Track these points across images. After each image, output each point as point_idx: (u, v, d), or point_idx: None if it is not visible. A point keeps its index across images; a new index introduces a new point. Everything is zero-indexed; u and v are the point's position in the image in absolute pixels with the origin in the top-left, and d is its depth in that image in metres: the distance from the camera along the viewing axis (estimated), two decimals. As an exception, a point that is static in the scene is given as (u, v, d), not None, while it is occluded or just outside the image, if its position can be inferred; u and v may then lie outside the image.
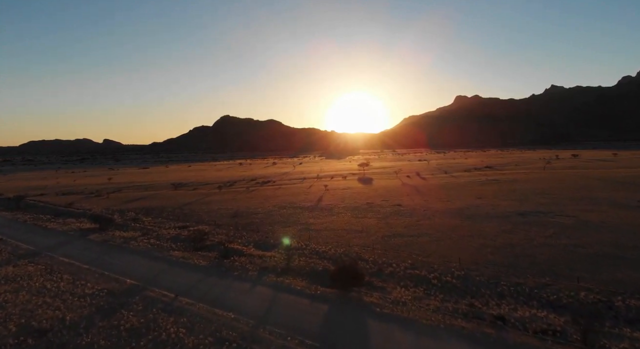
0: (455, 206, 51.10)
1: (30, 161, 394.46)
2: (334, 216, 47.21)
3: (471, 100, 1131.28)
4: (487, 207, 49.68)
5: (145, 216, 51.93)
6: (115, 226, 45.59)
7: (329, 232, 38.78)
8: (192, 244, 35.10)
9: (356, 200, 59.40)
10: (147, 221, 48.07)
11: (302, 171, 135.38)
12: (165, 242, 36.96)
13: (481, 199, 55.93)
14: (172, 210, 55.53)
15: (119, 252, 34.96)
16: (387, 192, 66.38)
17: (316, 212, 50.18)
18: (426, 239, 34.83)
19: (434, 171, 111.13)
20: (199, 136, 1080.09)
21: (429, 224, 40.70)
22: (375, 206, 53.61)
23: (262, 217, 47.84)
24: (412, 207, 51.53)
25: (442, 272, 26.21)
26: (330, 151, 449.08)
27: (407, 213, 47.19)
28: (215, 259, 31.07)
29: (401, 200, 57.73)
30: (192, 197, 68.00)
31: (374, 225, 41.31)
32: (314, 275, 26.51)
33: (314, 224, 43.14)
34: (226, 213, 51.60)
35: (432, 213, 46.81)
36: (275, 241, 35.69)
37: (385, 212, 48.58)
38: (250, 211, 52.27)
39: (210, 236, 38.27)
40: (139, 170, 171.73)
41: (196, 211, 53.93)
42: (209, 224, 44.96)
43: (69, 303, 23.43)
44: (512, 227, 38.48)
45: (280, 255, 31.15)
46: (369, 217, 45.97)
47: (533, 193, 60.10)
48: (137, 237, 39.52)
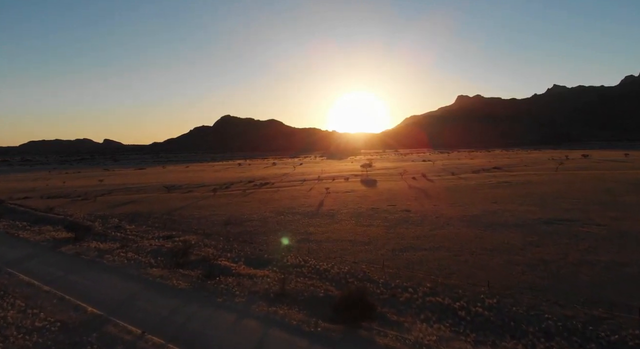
0: (469, 212, 46.48)
1: (28, 161, 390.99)
2: (336, 224, 42.61)
3: (473, 100, 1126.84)
4: (505, 213, 45.05)
5: (129, 223, 47.38)
6: (94, 236, 41.05)
7: (331, 244, 34.18)
8: (174, 259, 30.54)
9: (360, 205, 54.82)
10: (130, 230, 43.53)
11: (303, 172, 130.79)
12: (145, 257, 32.39)
13: (497, 204, 51.30)
14: (159, 216, 51.00)
15: (89, 268, 30.40)
16: (393, 196, 61.76)
17: (317, 219, 45.60)
18: (444, 254, 30.21)
19: (441, 172, 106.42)
20: (199, 136, 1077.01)
21: (444, 235, 36.08)
22: (381, 211, 49.01)
23: (257, 225, 43.25)
24: (422, 213, 46.91)
25: (470, 299, 21.61)
26: (331, 151, 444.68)
27: (417, 221, 42.57)
28: (198, 279, 26.46)
29: (409, 205, 53.12)
30: (184, 202, 63.46)
31: (382, 235, 36.70)
32: (314, 303, 21.90)
33: (314, 233, 38.56)
34: (218, 220, 47.03)
35: (446, 221, 42.20)
36: (270, 256, 31.09)
37: (392, 219, 43.97)
38: (244, 218, 47.69)
39: (196, 249, 33.72)
40: (134, 171, 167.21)
41: (186, 218, 49.38)
42: (197, 234, 40.39)
43: (10, 342, 18.88)
44: (539, 239, 33.86)
45: (275, 274, 26.55)
46: (375, 225, 41.37)
47: (551, 197, 55.46)
48: (114, 250, 34.94)
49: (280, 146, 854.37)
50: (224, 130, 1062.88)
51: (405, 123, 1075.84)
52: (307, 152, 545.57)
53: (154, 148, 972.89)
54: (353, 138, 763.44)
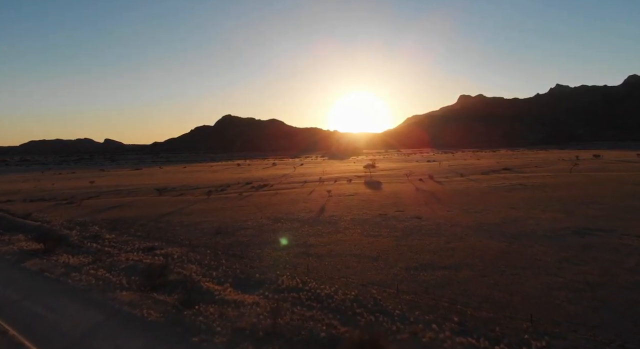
0: (487, 220, 41.79)
1: (27, 161, 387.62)
2: (339, 234, 37.96)
3: (475, 99, 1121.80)
4: (529, 221, 40.34)
5: (110, 231, 42.79)
6: (67, 247, 36.48)
7: (334, 260, 29.52)
8: (149, 280, 25.93)
9: (365, 210, 50.17)
10: (108, 239, 38.93)
11: (303, 173, 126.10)
12: (117, 276, 27.76)
13: (516, 210, 46.58)
14: (145, 223, 46.41)
15: (50, 291, 25.81)
16: (401, 200, 57.09)
17: (318, 227, 40.95)
18: (468, 274, 25.54)
19: (448, 173, 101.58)
20: (200, 136, 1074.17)
21: (465, 248, 31.39)
22: (389, 218, 44.34)
23: (251, 235, 38.60)
24: (435, 220, 42.21)
25: (511, 341, 16.94)
26: (332, 151, 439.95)
27: (431, 230, 37.88)
28: (173, 308, 21.83)
29: (419, 210, 48.43)
30: (175, 206, 58.89)
31: (392, 248, 32.02)
32: (314, 347, 17.25)
33: (315, 245, 33.91)
34: (208, 228, 42.40)
35: (463, 230, 37.50)
36: (262, 275, 26.44)
37: (403, 228, 39.30)
38: (237, 226, 43.05)
39: (178, 265, 29.14)
40: (130, 172, 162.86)
41: (173, 225, 44.77)
42: (182, 245, 35.78)
43: None
44: (576, 254, 29.16)
45: (266, 302, 21.91)
46: (384, 235, 36.71)
47: (574, 202, 50.73)
48: (85, 266, 30.33)
49: (281, 145, 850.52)
50: (225, 130, 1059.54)
51: (407, 123, 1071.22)
52: (309, 152, 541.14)
53: (154, 148, 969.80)
54: (355, 138, 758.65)
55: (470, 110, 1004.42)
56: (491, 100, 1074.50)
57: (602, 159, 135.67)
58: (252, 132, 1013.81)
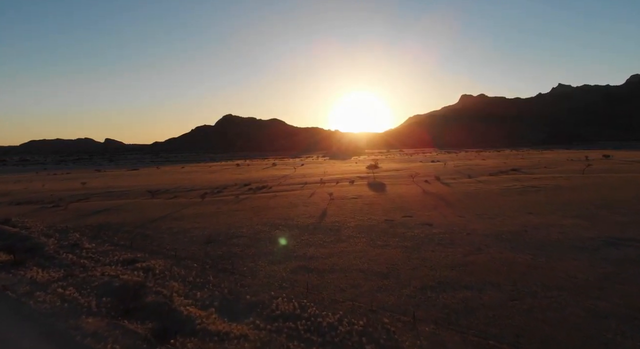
0: (505, 227, 37.99)
1: (25, 161, 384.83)
2: (343, 243, 34.21)
3: (477, 99, 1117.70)
4: (551, 229, 36.54)
5: (91, 239, 39.12)
6: (40, 258, 32.83)
7: (338, 276, 25.79)
8: (121, 303, 22.25)
9: (370, 215, 46.39)
10: (87, 249, 35.24)
11: (304, 174, 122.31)
12: (87, 296, 24.07)
13: (534, 216, 42.77)
14: (131, 229, 42.68)
15: (7, 315, 22.11)
16: (408, 204, 53.30)
17: (319, 236, 37.20)
18: (495, 296, 21.77)
19: (454, 174, 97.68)
20: (201, 136, 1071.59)
21: (486, 262, 27.63)
22: (396, 225, 40.56)
23: (245, 245, 34.86)
24: (447, 228, 38.43)
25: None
26: (334, 151, 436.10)
27: (444, 240, 34.10)
28: (144, 342, 18.13)
29: (429, 216, 44.63)
30: (166, 210, 55.19)
31: (403, 262, 28.27)
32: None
33: (316, 257, 30.17)
34: (199, 236, 38.68)
35: (481, 240, 33.72)
36: (254, 297, 22.73)
37: (412, 236, 35.52)
38: (231, 233, 39.30)
39: (159, 282, 25.46)
40: (126, 172, 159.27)
41: (161, 232, 41.05)
42: (167, 257, 32.08)
43: None
44: (615, 271, 25.35)
45: (256, 334, 18.20)
46: (392, 245, 32.94)
47: (595, 206, 46.88)
48: (53, 283, 26.64)
49: (282, 145, 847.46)
50: (225, 129, 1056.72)
51: (409, 123, 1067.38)
52: (310, 152, 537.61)
53: (155, 148, 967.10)
54: (356, 138, 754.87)
55: (472, 110, 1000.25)
56: (493, 100, 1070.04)
57: (613, 159, 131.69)
58: (252, 132, 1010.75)
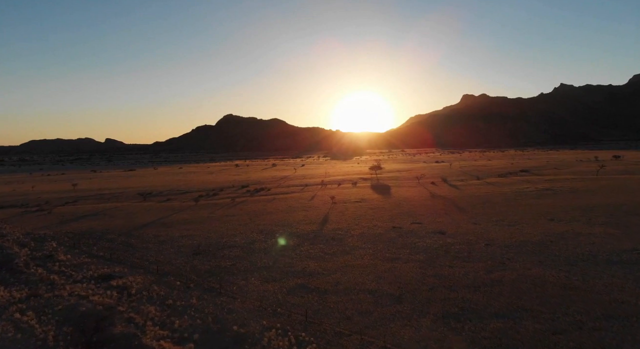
0: (526, 236, 34.17)
1: (24, 161, 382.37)
2: (347, 256, 30.42)
3: (479, 99, 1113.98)
4: (579, 239, 32.70)
5: (68, 250, 35.39)
6: (5, 273, 29.07)
7: (343, 300, 21.99)
8: (83, 334, 18.51)
9: (376, 221, 42.61)
10: (61, 262, 31.49)
11: (304, 175, 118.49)
12: (46, 324, 20.32)
13: (556, 223, 38.94)
14: (114, 237, 38.96)
15: (-56, 349, 18.46)
16: (415, 208, 49.49)
17: (320, 246, 33.43)
18: (533, 328, 17.95)
19: (461, 175, 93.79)
20: (201, 136, 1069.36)
21: (514, 281, 23.81)
22: (405, 233, 36.78)
23: (237, 257, 31.09)
24: (463, 237, 34.62)
25: None
26: (335, 151, 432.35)
27: (461, 252, 30.30)
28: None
29: (440, 223, 40.81)
30: (156, 215, 51.46)
31: (418, 280, 24.47)
32: None
33: (316, 274, 26.39)
34: (187, 246, 34.93)
35: (503, 252, 29.88)
36: (241, 327, 18.93)
37: (425, 247, 31.73)
38: (222, 242, 35.54)
39: (132, 306, 21.71)
40: (122, 173, 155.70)
41: (146, 241, 37.31)
42: (149, 272, 28.32)
43: None
44: (669, 292, 21.60)
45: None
46: (404, 258, 29.14)
47: (622, 212, 43.04)
48: (12, 305, 22.88)
49: (283, 145, 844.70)
50: (226, 129, 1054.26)
51: (410, 122, 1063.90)
52: (311, 152, 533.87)
53: (155, 148, 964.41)
54: (357, 138, 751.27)
55: (474, 109, 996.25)
56: (495, 99, 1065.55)
57: (624, 160, 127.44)
58: (253, 131, 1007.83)
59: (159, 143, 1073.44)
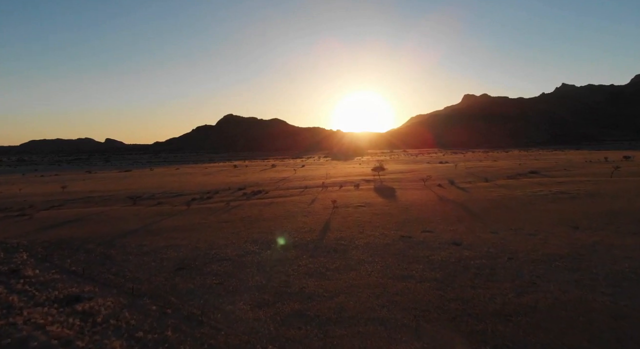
0: (553, 248, 30.36)
1: (22, 161, 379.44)
2: (352, 272, 26.67)
3: (480, 99, 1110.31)
4: (613, 252, 28.87)
5: (39, 263, 31.68)
6: (-41, 292, 25.41)
7: (349, 333, 18.20)
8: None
9: (382, 229, 38.84)
10: (26, 279, 27.74)
11: (304, 176, 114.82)
12: (-18, 365, 16.71)
13: (582, 232, 35.14)
14: (93, 248, 35.24)
15: None
16: (424, 214, 45.70)
17: (320, 259, 29.69)
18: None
19: (468, 177, 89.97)
20: (201, 135, 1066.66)
21: (551, 307, 20.03)
22: (416, 243, 33.02)
23: (226, 273, 27.35)
24: (481, 249, 30.84)
25: None
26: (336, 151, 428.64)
27: (483, 267, 26.51)
28: None
29: (454, 231, 37.04)
30: (143, 220, 47.75)
31: (437, 305, 20.70)
32: None
33: (316, 296, 22.64)
34: (171, 258, 31.20)
35: (529, 268, 26.08)
36: (225, 373, 15.29)
37: (441, 262, 27.96)
38: (211, 254, 31.81)
39: (95, 340, 17.99)
40: (117, 174, 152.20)
41: (127, 252, 33.57)
42: (123, 291, 24.58)
43: None
44: None
45: None
46: (417, 276, 25.37)
47: (650, 219, 39.26)
48: (-49, 337, 19.26)
49: (283, 145, 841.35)
50: (226, 129, 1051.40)
51: (411, 122, 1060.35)
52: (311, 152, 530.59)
53: (155, 148, 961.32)
54: (358, 138, 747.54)
55: (475, 109, 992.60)
56: (496, 99, 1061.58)
57: (635, 160, 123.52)
58: (254, 131, 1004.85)
59: (159, 143, 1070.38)
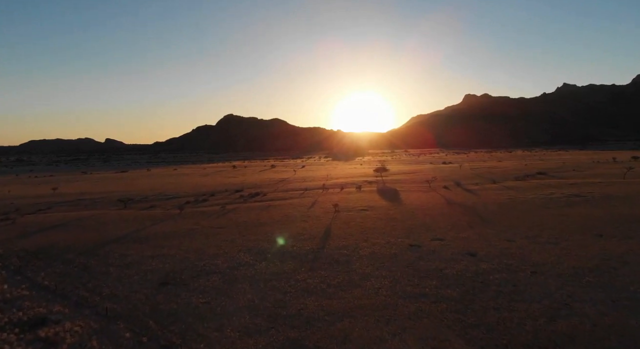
0: (578, 259, 27.29)
1: (20, 162, 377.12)
2: (356, 289, 23.66)
3: (481, 99, 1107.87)
4: (649, 264, 25.92)
5: (10, 276, 28.57)
6: None
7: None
8: None
9: (388, 236, 35.79)
10: (-9, 295, 24.86)
11: (304, 177, 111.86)
12: None
13: (607, 240, 32.07)
14: (72, 258, 32.28)
15: None
16: (432, 219, 42.65)
17: (321, 272, 26.69)
18: None
19: (474, 178, 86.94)
20: (201, 136, 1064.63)
21: (593, 337, 16.85)
22: (426, 253, 29.99)
23: (215, 289, 24.33)
24: (499, 260, 27.79)
25: None
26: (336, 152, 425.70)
27: (504, 283, 23.50)
28: None
29: (467, 239, 33.99)
30: (131, 226, 44.77)
31: (458, 334, 17.56)
32: None
33: (317, 320, 19.64)
34: (156, 270, 28.20)
35: (557, 284, 23.04)
36: None
37: (456, 276, 24.94)
38: (200, 267, 28.79)
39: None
40: (113, 174, 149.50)
41: (108, 263, 30.58)
42: (95, 313, 21.53)
43: None
44: None
45: None
46: (431, 294, 22.34)
47: (679, 225, 36.21)
48: None
49: (284, 145, 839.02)
50: (227, 129, 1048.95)
51: (412, 122, 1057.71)
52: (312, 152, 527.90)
53: (155, 148, 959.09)
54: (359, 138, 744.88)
55: (476, 109, 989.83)
56: (497, 99, 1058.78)
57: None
58: (254, 131, 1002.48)
59: (159, 143, 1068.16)
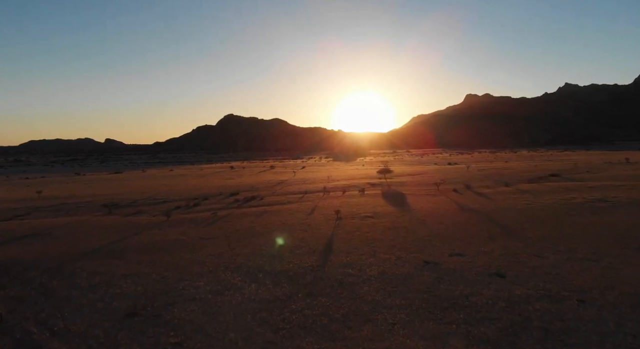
0: (632, 284, 22.59)
1: (18, 162, 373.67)
2: (366, 324, 19.09)
3: (482, 98, 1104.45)
4: None
5: (-49, 300, 24.27)
6: None
7: None
8: None
9: (398, 250, 31.11)
10: None
11: (304, 179, 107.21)
12: None
13: (656, 257, 27.60)
14: (35, 277, 27.71)
15: None
16: (447, 228, 38.02)
17: (322, 300, 22.05)
18: None
19: (485, 180, 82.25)
20: (202, 136, 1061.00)
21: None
22: (446, 273, 25.34)
23: (190, 323, 19.72)
24: (534, 283, 23.03)
25: None
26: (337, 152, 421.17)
27: (547, 317, 18.89)
28: None
29: (489, 253, 29.33)
30: (110, 236, 40.20)
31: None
32: None
33: (316, 374, 15.12)
34: (125, 295, 23.66)
35: (616, 319, 18.30)
36: None
37: (486, 306, 20.32)
38: (177, 291, 24.18)
39: None
40: (106, 176, 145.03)
41: (73, 284, 26.02)
42: (35, 360, 17.14)
43: None
44: None
45: None
46: (460, 333, 17.54)
47: None
48: None
49: (284, 145, 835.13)
50: (227, 129, 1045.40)
51: (413, 122, 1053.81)
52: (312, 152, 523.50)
53: (155, 148, 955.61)
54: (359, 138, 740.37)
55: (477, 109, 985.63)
56: (498, 99, 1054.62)
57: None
58: (254, 131, 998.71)
59: (159, 143, 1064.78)
